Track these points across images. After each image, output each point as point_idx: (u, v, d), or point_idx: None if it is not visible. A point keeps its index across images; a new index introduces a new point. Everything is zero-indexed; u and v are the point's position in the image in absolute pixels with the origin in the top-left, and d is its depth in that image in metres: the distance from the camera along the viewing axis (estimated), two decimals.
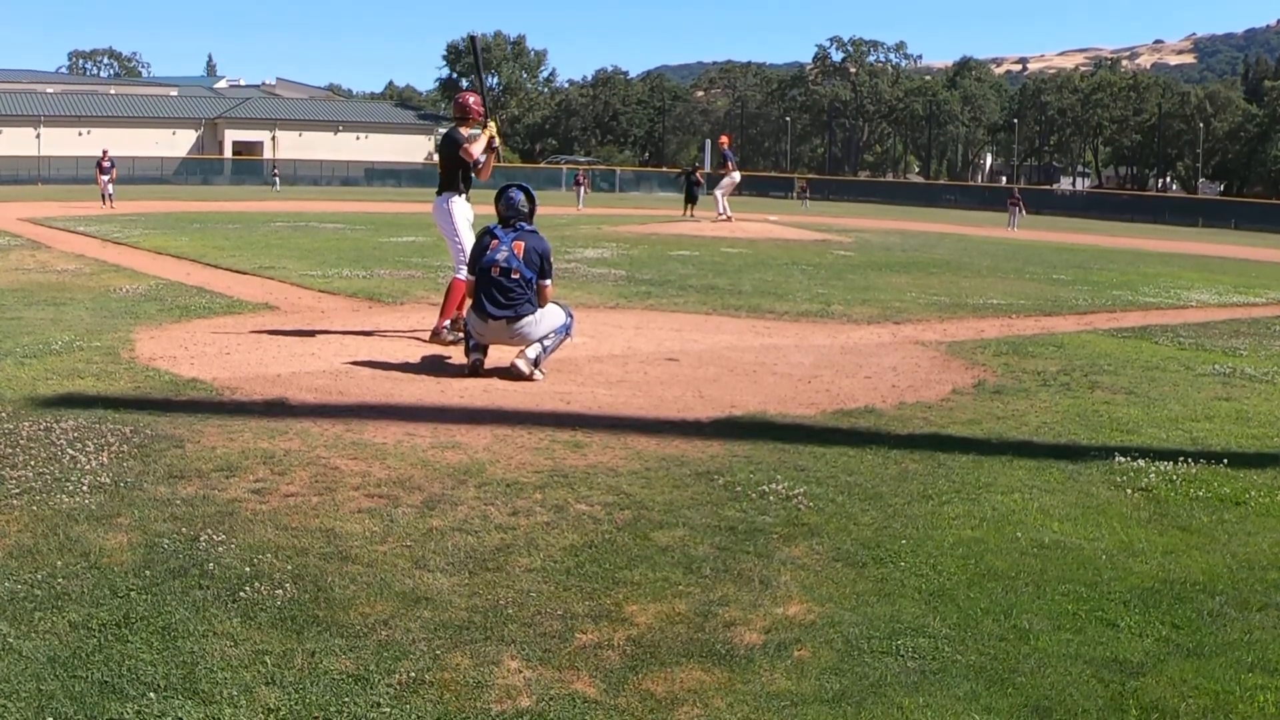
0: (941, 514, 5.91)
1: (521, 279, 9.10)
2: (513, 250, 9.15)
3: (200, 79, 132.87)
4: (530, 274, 9.14)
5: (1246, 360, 11.67)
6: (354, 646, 4.04)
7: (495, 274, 9.11)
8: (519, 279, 9.10)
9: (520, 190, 9.52)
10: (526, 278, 9.12)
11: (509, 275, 9.09)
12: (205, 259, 19.12)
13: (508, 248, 9.16)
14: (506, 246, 9.17)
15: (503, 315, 9.09)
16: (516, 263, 9.11)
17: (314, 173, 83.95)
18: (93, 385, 8.24)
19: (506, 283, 9.09)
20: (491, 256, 9.16)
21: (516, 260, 9.12)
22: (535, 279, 9.18)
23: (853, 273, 21.16)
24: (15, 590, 4.39)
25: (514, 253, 9.14)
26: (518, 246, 9.17)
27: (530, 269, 9.14)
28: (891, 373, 10.11)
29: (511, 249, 9.16)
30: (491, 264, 9.14)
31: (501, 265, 9.11)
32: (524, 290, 9.12)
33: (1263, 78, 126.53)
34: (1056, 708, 3.80)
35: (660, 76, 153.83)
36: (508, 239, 9.22)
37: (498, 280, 9.10)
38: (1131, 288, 20.51)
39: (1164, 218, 70.93)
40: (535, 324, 9.18)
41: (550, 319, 9.31)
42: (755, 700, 3.78)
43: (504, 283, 9.10)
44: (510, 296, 9.09)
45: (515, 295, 9.09)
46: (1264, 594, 4.92)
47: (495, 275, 9.11)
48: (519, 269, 9.10)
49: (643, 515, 5.68)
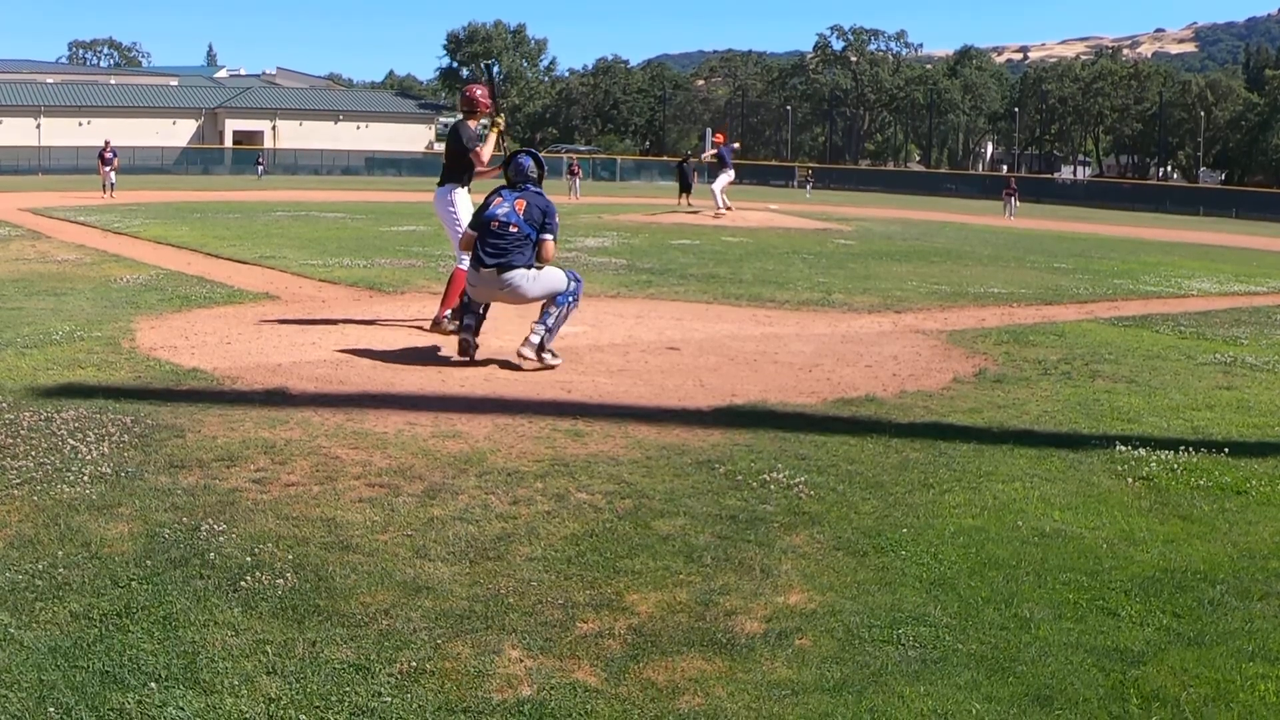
0: (942, 503, 5.91)
1: (520, 234, 9.14)
2: (514, 207, 9.23)
3: (200, 69, 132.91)
4: (529, 230, 9.17)
5: (1247, 349, 11.67)
6: (355, 636, 4.04)
7: (494, 227, 9.17)
8: (516, 233, 9.13)
9: (529, 156, 9.61)
10: (525, 234, 9.16)
11: (506, 229, 9.14)
12: (206, 248, 19.12)
13: (509, 204, 9.24)
14: (508, 203, 9.25)
15: (493, 264, 9.11)
16: (515, 218, 9.17)
17: (314, 162, 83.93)
18: (93, 375, 8.24)
19: (502, 235, 9.13)
20: (492, 212, 9.23)
21: (516, 216, 9.18)
22: (535, 234, 9.21)
23: (854, 261, 21.15)
24: (16, 580, 4.39)
25: (514, 209, 9.21)
26: (519, 204, 9.24)
27: (530, 225, 9.18)
28: (892, 361, 10.10)
29: (513, 205, 9.23)
30: (491, 218, 9.21)
31: (500, 219, 9.17)
32: (520, 245, 9.15)
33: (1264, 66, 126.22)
34: (1057, 696, 3.80)
35: (661, 65, 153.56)
36: (510, 197, 9.30)
37: (495, 232, 9.15)
38: (1132, 276, 20.49)
39: (1165, 206, 70.89)
40: (529, 280, 9.18)
41: (548, 280, 9.29)
42: (756, 689, 3.78)
43: (500, 234, 9.14)
44: (500, 248, 9.12)
45: (507, 247, 9.12)
46: (1265, 583, 4.92)
47: (493, 229, 9.17)
48: (517, 224, 9.15)
49: (644, 504, 5.68)
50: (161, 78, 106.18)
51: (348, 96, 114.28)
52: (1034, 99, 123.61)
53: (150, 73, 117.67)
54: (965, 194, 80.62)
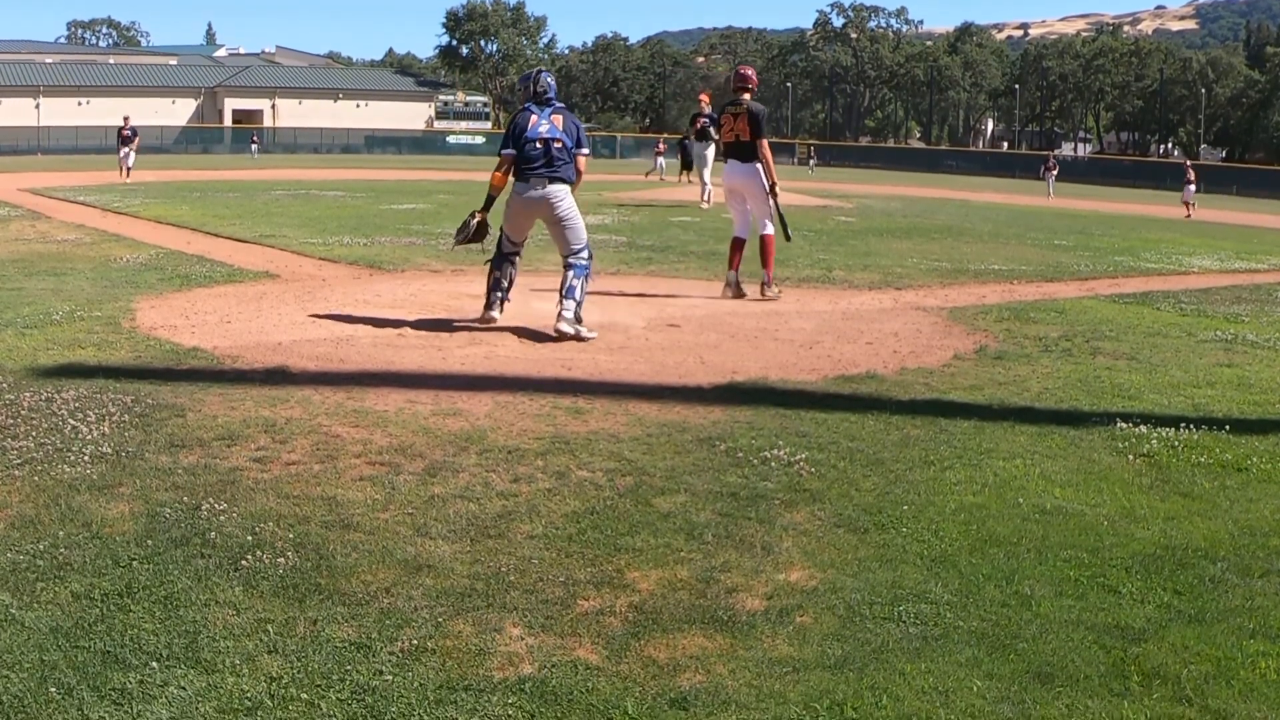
0: (943, 480, 5.91)
1: (564, 148, 9.60)
2: (553, 123, 9.63)
3: (200, 48, 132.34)
4: (570, 143, 9.64)
5: (1248, 326, 11.65)
6: (356, 614, 4.05)
7: (539, 145, 9.56)
8: (561, 148, 9.58)
9: (548, 73, 10.06)
10: (568, 146, 9.62)
11: (551, 144, 9.56)
12: (206, 227, 19.06)
13: (547, 120, 9.63)
14: (545, 119, 9.63)
15: (544, 173, 9.54)
16: (557, 133, 9.60)
17: (314, 140, 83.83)
18: (94, 355, 8.23)
19: (548, 150, 9.55)
20: (534, 130, 9.59)
21: (557, 130, 9.61)
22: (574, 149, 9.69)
23: (854, 238, 21.11)
24: (17, 561, 4.39)
25: (554, 125, 9.62)
26: (556, 119, 9.66)
27: (570, 138, 9.65)
28: (893, 338, 10.09)
29: (551, 121, 9.63)
30: (535, 137, 9.57)
31: (544, 136, 9.57)
32: (564, 159, 9.61)
33: (1264, 44, 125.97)
34: (1058, 673, 3.80)
35: (660, 42, 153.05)
36: (545, 114, 9.65)
37: (543, 151, 9.56)
38: (1133, 253, 20.46)
39: (1165, 183, 70.67)
40: (570, 208, 9.65)
41: (578, 229, 9.72)
42: (757, 666, 3.79)
43: (545, 150, 9.55)
44: (554, 161, 9.56)
45: (553, 160, 9.56)
46: (1265, 560, 4.92)
47: (538, 147, 9.56)
48: (560, 138, 9.59)
49: (644, 481, 5.68)
50: (160, 57, 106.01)
51: (347, 75, 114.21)
52: (1034, 76, 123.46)
53: (149, 52, 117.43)
54: (966, 171, 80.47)
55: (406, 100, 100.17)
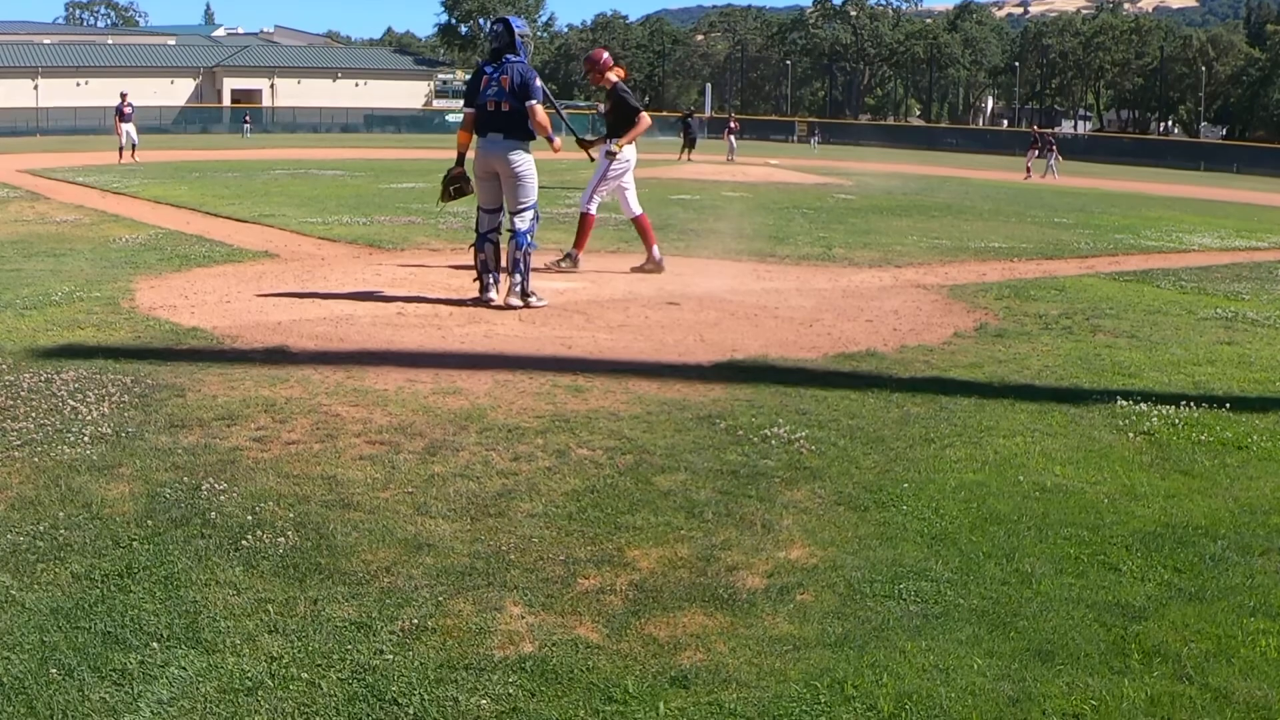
0: (943, 457, 5.91)
1: (512, 109, 9.76)
2: (500, 84, 9.83)
3: (198, 27, 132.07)
4: (517, 104, 9.76)
5: (1248, 304, 11.65)
6: (356, 594, 4.05)
7: (490, 109, 9.81)
8: (510, 110, 9.76)
9: (500, 22, 10.20)
10: (515, 108, 9.77)
11: (500, 108, 9.77)
12: (205, 207, 19.02)
13: (496, 83, 9.85)
14: (495, 81, 9.86)
15: (498, 134, 9.78)
16: (504, 94, 9.77)
17: (313, 120, 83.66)
18: (93, 336, 8.22)
19: (499, 114, 9.78)
20: (484, 94, 9.85)
21: (504, 93, 9.78)
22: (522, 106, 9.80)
23: (854, 216, 21.09)
24: (17, 542, 4.39)
25: (500, 86, 9.81)
26: (504, 80, 9.82)
27: (516, 99, 9.77)
28: (893, 316, 10.09)
29: (499, 83, 9.83)
30: (485, 101, 9.83)
31: (493, 98, 9.80)
32: (516, 120, 9.79)
33: (1265, 22, 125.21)
34: (1058, 651, 3.80)
35: (660, 20, 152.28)
36: (495, 75, 9.88)
37: (492, 114, 9.80)
38: (1133, 231, 20.44)
39: (1166, 161, 70.64)
40: (524, 165, 9.84)
41: (528, 187, 9.87)
42: (757, 644, 3.79)
43: (495, 114, 9.79)
44: (504, 124, 9.78)
45: (509, 123, 9.78)
46: (1266, 538, 4.92)
47: (490, 110, 9.81)
48: (507, 100, 9.76)
49: (644, 459, 5.68)
50: (159, 37, 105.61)
51: (346, 54, 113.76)
52: (1034, 53, 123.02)
53: (148, 32, 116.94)
54: (966, 149, 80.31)
55: (405, 79, 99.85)
